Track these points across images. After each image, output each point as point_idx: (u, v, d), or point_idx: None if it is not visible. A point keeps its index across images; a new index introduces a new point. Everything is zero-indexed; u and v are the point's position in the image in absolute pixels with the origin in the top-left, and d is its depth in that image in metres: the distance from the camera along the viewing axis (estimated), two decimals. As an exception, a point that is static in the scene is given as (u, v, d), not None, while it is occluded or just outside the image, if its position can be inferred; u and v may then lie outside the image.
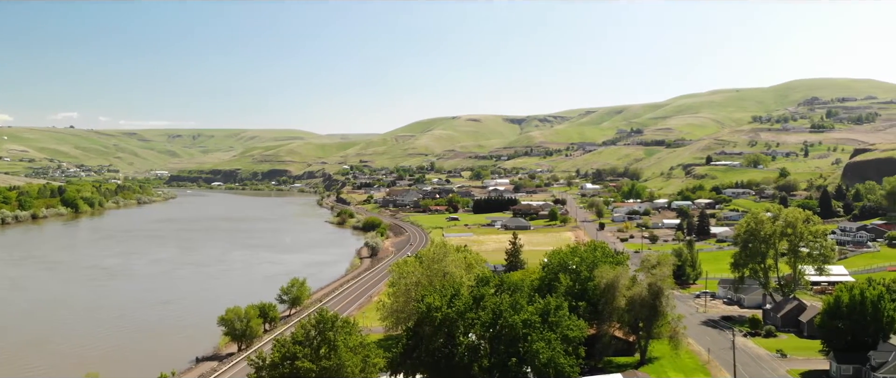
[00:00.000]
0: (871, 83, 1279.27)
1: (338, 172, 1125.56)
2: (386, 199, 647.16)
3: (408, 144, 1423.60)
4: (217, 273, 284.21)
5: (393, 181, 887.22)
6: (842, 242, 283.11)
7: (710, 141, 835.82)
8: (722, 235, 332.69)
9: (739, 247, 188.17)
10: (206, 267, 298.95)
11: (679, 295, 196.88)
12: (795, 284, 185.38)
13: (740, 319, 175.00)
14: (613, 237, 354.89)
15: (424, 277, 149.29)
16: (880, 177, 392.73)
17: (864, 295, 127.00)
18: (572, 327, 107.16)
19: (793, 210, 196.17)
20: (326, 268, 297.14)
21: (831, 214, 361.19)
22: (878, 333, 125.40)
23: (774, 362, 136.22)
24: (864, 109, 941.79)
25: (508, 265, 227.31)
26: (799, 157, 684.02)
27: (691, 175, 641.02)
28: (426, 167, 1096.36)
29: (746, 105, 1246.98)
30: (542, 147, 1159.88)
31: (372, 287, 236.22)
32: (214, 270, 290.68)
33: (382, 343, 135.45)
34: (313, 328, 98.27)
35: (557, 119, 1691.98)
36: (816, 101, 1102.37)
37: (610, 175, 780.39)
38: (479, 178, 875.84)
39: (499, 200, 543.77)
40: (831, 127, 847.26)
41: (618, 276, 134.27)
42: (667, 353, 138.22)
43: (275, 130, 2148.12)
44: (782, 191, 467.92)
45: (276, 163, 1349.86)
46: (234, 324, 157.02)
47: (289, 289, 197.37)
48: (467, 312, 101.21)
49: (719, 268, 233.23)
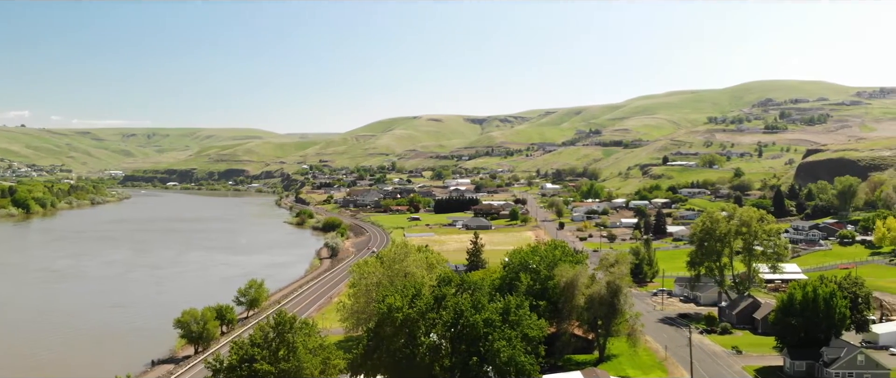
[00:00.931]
0: (823, 85, 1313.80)
1: (297, 172, 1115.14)
2: (346, 200, 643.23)
3: (368, 144, 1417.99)
4: (172, 275, 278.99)
5: (353, 181, 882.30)
6: (795, 241, 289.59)
7: (666, 141, 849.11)
8: (678, 234, 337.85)
9: (695, 245, 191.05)
10: (160, 269, 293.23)
11: (637, 293, 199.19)
12: (750, 282, 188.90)
13: (696, 317, 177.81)
14: (573, 236, 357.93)
15: (385, 278, 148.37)
16: (832, 177, 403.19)
17: (817, 292, 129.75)
18: (533, 326, 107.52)
19: (747, 209, 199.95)
20: (285, 269, 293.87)
21: (784, 214, 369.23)
22: (830, 330, 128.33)
23: (730, 359, 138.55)
24: (816, 111, 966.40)
25: (470, 265, 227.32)
26: (753, 157, 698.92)
27: (648, 175, 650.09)
28: (387, 167, 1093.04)
29: (702, 106, 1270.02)
30: (502, 147, 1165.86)
31: (332, 288, 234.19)
32: (169, 272, 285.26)
33: (342, 344, 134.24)
34: (272, 330, 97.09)
35: (518, 119, 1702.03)
36: (770, 103, 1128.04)
37: (569, 175, 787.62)
38: (440, 178, 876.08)
39: (460, 200, 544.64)
40: (784, 128, 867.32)
41: (577, 275, 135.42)
42: (625, 350, 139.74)
43: (232, 129, 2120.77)
44: (737, 190, 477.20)
45: (233, 162, 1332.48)
46: (190, 326, 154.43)
47: (246, 290, 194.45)
48: (429, 312, 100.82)
49: (676, 266, 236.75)
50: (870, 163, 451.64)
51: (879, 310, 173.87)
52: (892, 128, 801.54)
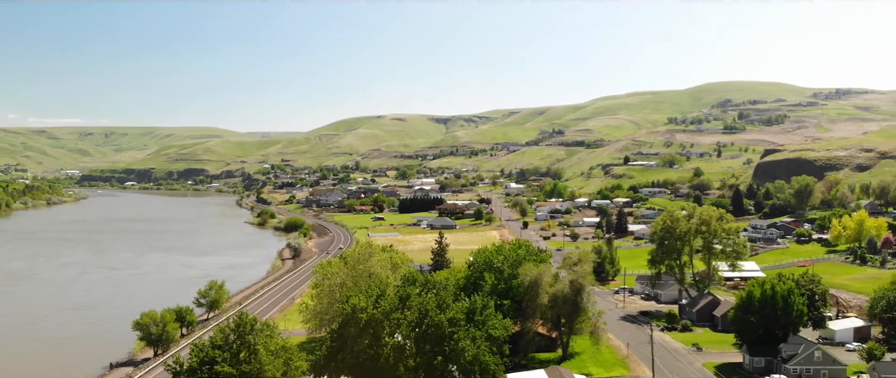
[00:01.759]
0: (781, 86, 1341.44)
1: (258, 172, 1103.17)
2: (309, 199, 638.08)
3: (332, 143, 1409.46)
4: (130, 277, 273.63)
5: (316, 181, 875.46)
6: (753, 239, 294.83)
7: (627, 142, 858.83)
8: (639, 233, 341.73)
9: (656, 244, 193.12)
10: (118, 270, 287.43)
11: (599, 291, 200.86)
12: (710, 280, 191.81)
13: (657, 314, 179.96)
14: (537, 236, 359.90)
15: (349, 278, 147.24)
16: (789, 176, 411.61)
17: (775, 290, 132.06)
18: (497, 325, 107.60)
19: (707, 208, 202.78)
20: (246, 270, 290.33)
21: (743, 212, 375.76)
22: (788, 327, 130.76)
23: (690, 356, 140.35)
24: (773, 111, 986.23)
25: (434, 264, 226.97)
26: (712, 157, 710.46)
27: (610, 175, 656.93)
28: (351, 167, 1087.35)
29: (662, 107, 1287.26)
30: (467, 147, 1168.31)
31: (294, 289, 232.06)
32: (127, 274, 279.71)
33: (305, 346, 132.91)
34: (232, 332, 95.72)
35: (482, 119, 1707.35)
36: (729, 104, 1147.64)
37: (533, 175, 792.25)
38: (404, 178, 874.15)
39: (425, 200, 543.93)
40: (743, 128, 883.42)
41: (541, 274, 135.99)
42: (588, 348, 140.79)
43: (192, 128, 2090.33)
44: (696, 190, 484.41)
45: (192, 162, 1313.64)
46: (149, 328, 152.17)
47: (207, 292, 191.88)
48: (393, 312, 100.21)
49: (637, 264, 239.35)
50: (826, 163, 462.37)
51: (835, 307, 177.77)
52: (848, 128, 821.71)
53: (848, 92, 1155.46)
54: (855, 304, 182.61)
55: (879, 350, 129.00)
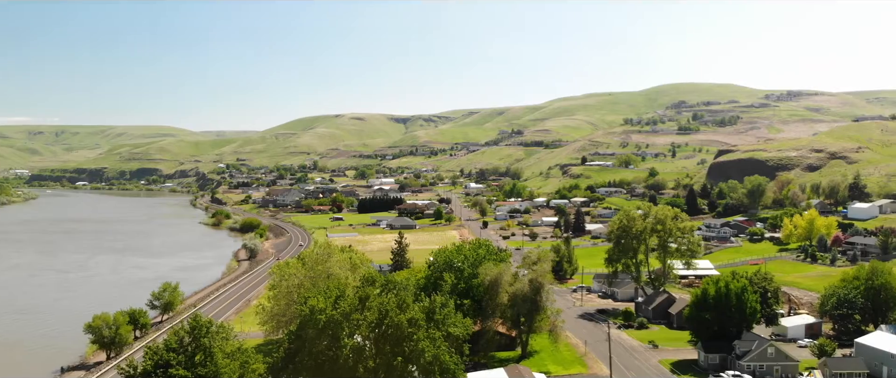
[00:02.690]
0: (734, 88, 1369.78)
1: (213, 171, 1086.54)
2: (265, 199, 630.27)
3: (289, 142, 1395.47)
4: (81, 279, 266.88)
5: (273, 180, 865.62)
6: (707, 238, 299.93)
7: (585, 142, 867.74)
8: (596, 232, 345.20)
9: (613, 243, 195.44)
10: (69, 272, 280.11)
11: (557, 290, 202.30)
12: (665, 278, 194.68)
13: (614, 312, 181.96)
14: (496, 235, 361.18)
15: (307, 279, 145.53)
16: (742, 176, 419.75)
17: (729, 288, 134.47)
18: (457, 324, 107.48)
19: (662, 208, 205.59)
20: (201, 271, 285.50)
21: (697, 212, 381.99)
22: (741, 324, 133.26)
23: (647, 353, 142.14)
24: (727, 113, 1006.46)
25: (394, 265, 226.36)
26: (667, 157, 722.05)
27: (568, 175, 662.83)
28: (309, 166, 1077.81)
29: (619, 108, 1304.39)
30: (427, 146, 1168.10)
31: (251, 291, 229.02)
32: (78, 276, 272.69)
33: (262, 348, 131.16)
34: (187, 334, 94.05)
35: (442, 119, 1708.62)
36: (683, 105, 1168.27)
37: (493, 174, 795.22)
38: (363, 178, 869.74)
39: (384, 200, 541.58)
40: (697, 129, 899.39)
41: (501, 273, 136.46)
42: (547, 346, 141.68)
43: (145, 127, 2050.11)
44: (652, 189, 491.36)
45: (145, 161, 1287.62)
46: (101, 331, 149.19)
47: (160, 294, 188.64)
48: (353, 313, 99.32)
49: (594, 263, 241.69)
50: (777, 163, 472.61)
51: (787, 304, 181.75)
52: (799, 129, 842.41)
53: (799, 94, 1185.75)
54: (806, 301, 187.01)
55: (830, 346, 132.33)
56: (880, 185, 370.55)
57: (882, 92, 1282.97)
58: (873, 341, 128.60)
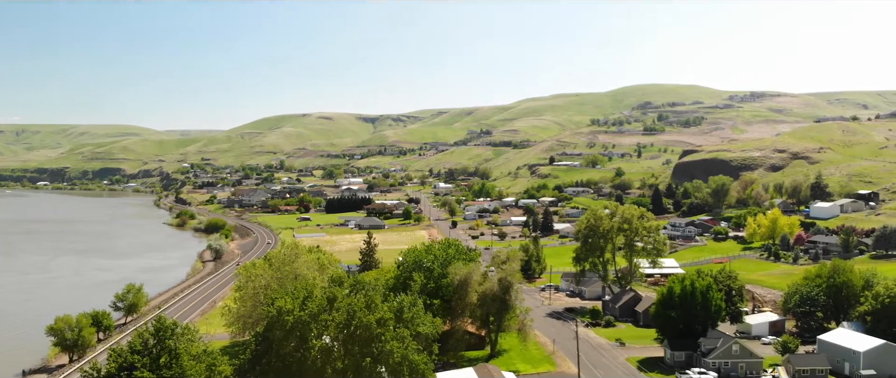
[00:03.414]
0: (698, 89, 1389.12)
1: (177, 171, 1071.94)
2: (231, 200, 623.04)
3: (255, 142, 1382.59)
4: (43, 281, 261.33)
5: (238, 180, 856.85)
6: (673, 237, 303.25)
7: (552, 142, 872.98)
8: (564, 231, 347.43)
9: (581, 242, 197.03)
10: (29, 274, 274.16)
11: (526, 289, 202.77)
12: (631, 277, 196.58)
13: (582, 311, 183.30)
14: (465, 235, 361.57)
15: (274, 280, 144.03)
16: (706, 176, 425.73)
17: (695, 286, 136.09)
18: (426, 324, 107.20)
19: (628, 207, 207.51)
20: (165, 273, 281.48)
21: (662, 211, 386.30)
22: (707, 321, 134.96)
23: (614, 351, 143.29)
24: (691, 113, 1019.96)
25: (363, 265, 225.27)
26: (633, 157, 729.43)
27: (536, 175, 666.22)
28: (275, 166, 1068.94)
29: (586, 109, 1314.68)
30: (395, 146, 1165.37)
31: (216, 292, 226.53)
32: (40, 278, 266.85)
33: (228, 350, 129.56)
34: (152, 336, 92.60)
35: (411, 119, 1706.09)
36: (649, 106, 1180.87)
37: (462, 174, 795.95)
38: (331, 178, 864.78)
39: (352, 200, 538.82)
40: (662, 130, 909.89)
41: (470, 273, 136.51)
42: (515, 345, 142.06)
43: (108, 126, 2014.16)
44: (618, 189, 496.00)
45: (108, 161, 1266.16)
46: (64, 333, 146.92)
47: (124, 295, 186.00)
48: (321, 314, 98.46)
49: (562, 262, 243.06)
50: (741, 163, 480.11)
51: (751, 302, 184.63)
52: (762, 130, 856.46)
53: (762, 95, 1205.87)
54: (770, 299, 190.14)
55: (793, 343, 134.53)
56: (841, 184, 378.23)
57: (843, 93, 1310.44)
58: (835, 338, 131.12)
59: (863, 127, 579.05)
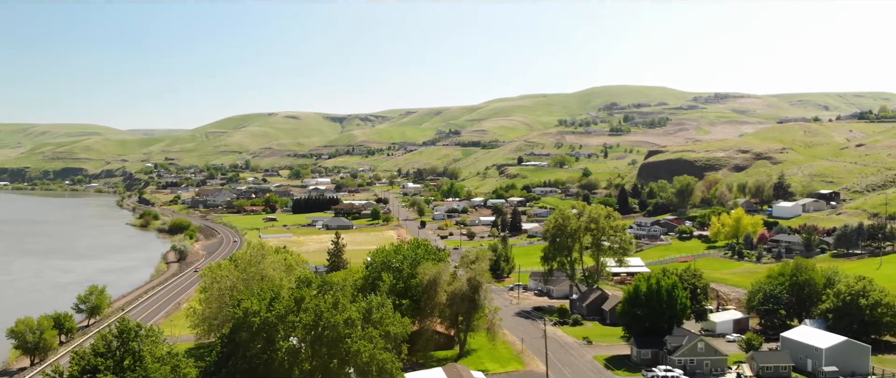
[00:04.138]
0: (664, 90, 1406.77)
1: (140, 171, 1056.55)
2: (195, 200, 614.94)
3: (220, 141, 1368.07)
4: (2, 283, 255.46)
5: (203, 180, 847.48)
6: (638, 236, 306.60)
7: (521, 142, 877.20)
8: (533, 231, 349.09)
9: (549, 241, 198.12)
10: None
11: (495, 288, 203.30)
12: (598, 276, 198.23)
13: (550, 310, 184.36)
14: (434, 235, 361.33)
15: (240, 281, 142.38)
16: (671, 176, 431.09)
17: (660, 284, 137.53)
18: (396, 324, 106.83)
19: (595, 207, 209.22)
20: (128, 274, 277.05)
21: (628, 211, 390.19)
22: (672, 319, 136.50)
23: (582, 349, 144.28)
24: (657, 114, 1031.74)
25: (331, 265, 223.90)
26: (600, 158, 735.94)
27: (505, 175, 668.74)
28: (241, 166, 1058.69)
29: (553, 109, 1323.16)
30: (363, 146, 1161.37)
31: (181, 293, 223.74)
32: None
33: (193, 352, 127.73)
34: (115, 338, 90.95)
35: (379, 119, 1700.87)
36: (615, 107, 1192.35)
37: (430, 174, 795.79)
38: (298, 178, 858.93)
39: (320, 200, 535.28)
40: (628, 130, 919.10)
41: (440, 273, 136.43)
42: (484, 344, 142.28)
43: (69, 125, 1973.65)
44: (585, 189, 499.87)
45: (70, 160, 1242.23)
46: (25, 336, 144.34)
47: (87, 297, 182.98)
48: (288, 315, 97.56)
49: (531, 261, 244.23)
50: (705, 163, 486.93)
51: (716, 300, 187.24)
52: (726, 131, 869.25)
53: (726, 96, 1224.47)
54: (734, 297, 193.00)
55: (757, 340, 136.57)
56: (803, 184, 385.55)
57: (805, 94, 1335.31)
58: (798, 335, 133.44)
59: (824, 128, 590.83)
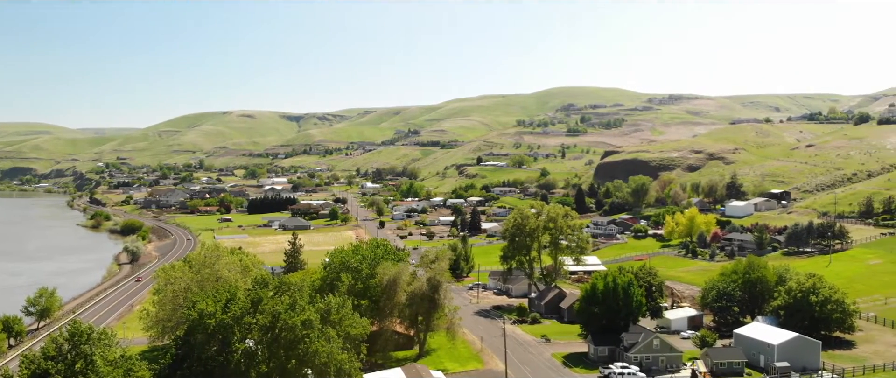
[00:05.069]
0: (619, 92, 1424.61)
1: (92, 171, 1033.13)
2: (148, 200, 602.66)
3: (173, 140, 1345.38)
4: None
5: (156, 180, 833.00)
6: (595, 235, 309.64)
7: (480, 142, 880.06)
8: (492, 231, 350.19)
9: (508, 241, 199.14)
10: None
11: (455, 287, 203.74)
12: (556, 274, 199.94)
13: (509, 308, 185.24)
14: (393, 235, 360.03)
15: (195, 283, 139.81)
16: (626, 176, 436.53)
17: (617, 282, 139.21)
18: (355, 324, 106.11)
19: (553, 206, 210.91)
20: (80, 276, 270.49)
21: (585, 210, 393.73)
22: (628, 317, 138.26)
23: (540, 347, 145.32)
24: (613, 115, 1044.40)
25: (288, 266, 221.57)
26: (557, 158, 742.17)
27: (464, 174, 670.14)
28: (194, 165, 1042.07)
29: (512, 110, 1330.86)
30: (321, 145, 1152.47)
31: (134, 295, 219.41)
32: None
33: (147, 355, 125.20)
34: (67, 341, 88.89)
35: (337, 118, 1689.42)
36: (572, 108, 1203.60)
37: (389, 174, 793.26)
38: (254, 177, 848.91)
39: (276, 200, 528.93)
40: (585, 131, 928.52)
41: (399, 273, 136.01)
42: (444, 344, 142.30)
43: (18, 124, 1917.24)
44: (543, 189, 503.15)
45: (18, 160, 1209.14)
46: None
47: (36, 300, 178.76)
48: (244, 317, 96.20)
49: (490, 261, 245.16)
50: (660, 163, 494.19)
51: (671, 297, 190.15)
52: (679, 131, 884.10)
53: (680, 97, 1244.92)
54: (688, 294, 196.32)
55: (711, 337, 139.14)
56: (755, 184, 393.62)
57: (757, 96, 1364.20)
58: (751, 332, 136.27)
59: (775, 129, 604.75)
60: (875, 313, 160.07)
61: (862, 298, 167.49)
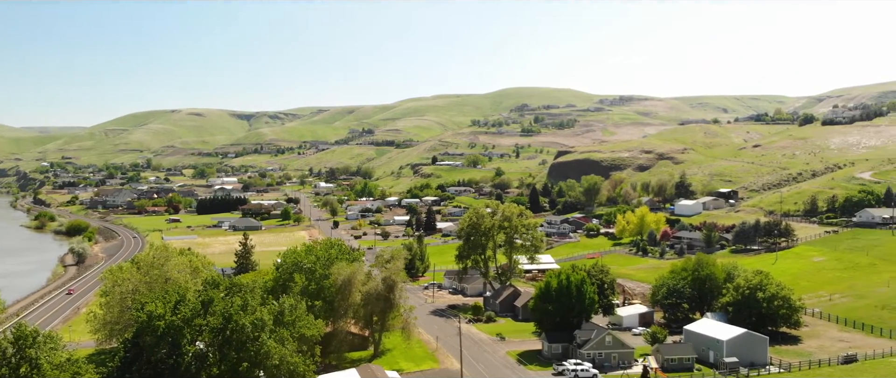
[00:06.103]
0: (572, 93, 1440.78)
1: (36, 170, 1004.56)
2: (94, 200, 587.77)
3: (120, 139, 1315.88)
4: None
5: (102, 180, 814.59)
6: (549, 234, 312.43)
7: (435, 142, 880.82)
8: (447, 230, 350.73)
9: (463, 240, 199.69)
10: None
11: (410, 287, 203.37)
12: (511, 273, 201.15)
13: (464, 307, 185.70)
14: (348, 235, 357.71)
15: (143, 284, 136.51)
16: (579, 175, 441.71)
17: (570, 280, 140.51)
18: (309, 326, 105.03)
19: (508, 206, 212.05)
20: (23, 278, 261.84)
21: (539, 209, 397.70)
22: (581, 314, 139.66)
23: (495, 345, 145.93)
24: (565, 116, 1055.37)
25: (239, 267, 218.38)
26: (512, 157, 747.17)
27: (419, 174, 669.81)
28: (142, 165, 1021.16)
29: (466, 110, 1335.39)
30: (273, 145, 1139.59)
31: (80, 298, 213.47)
32: None
33: (94, 358, 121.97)
34: (11, 345, 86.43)
35: (289, 116, 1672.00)
36: (526, 108, 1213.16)
37: (343, 174, 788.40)
38: (203, 177, 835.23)
39: (226, 200, 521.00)
40: (538, 131, 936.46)
41: (354, 273, 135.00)
42: (399, 344, 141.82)
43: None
44: (498, 188, 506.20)
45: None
46: None
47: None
48: (195, 319, 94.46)
49: (446, 260, 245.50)
50: (611, 163, 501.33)
51: (622, 294, 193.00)
52: (630, 132, 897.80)
53: (630, 99, 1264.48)
54: (639, 291, 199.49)
55: (661, 333, 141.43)
56: (703, 183, 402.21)
57: (705, 97, 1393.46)
58: (700, 328, 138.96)
59: (723, 129, 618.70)
60: (820, 309, 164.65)
61: (807, 295, 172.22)
